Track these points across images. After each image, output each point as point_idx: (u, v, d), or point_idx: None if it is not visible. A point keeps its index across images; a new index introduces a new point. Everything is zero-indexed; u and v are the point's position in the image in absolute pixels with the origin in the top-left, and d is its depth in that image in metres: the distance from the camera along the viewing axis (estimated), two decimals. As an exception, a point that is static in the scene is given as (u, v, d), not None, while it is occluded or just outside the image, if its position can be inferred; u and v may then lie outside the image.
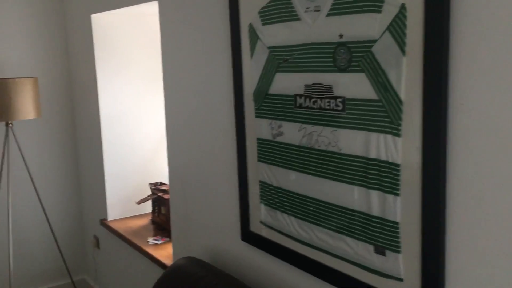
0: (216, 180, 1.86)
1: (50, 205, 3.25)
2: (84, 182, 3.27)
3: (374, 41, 1.15)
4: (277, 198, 1.52)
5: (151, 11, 2.56)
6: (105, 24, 2.79)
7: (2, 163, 2.88)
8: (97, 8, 2.69)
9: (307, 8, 1.31)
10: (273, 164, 1.52)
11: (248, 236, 1.68)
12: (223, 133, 1.78)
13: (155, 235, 2.66)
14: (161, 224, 2.73)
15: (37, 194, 3.01)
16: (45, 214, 3.03)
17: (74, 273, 3.37)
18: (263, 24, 1.47)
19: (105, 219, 2.96)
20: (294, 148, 1.43)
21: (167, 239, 2.57)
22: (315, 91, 1.33)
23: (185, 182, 2.08)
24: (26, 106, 2.69)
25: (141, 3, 2.19)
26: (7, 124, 2.80)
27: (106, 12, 2.64)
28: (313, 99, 1.34)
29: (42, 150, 3.18)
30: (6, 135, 2.80)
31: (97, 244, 3.17)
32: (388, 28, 1.11)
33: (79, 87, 3.13)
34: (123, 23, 2.82)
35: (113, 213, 2.96)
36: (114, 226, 2.84)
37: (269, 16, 1.45)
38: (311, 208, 1.39)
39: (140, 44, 2.88)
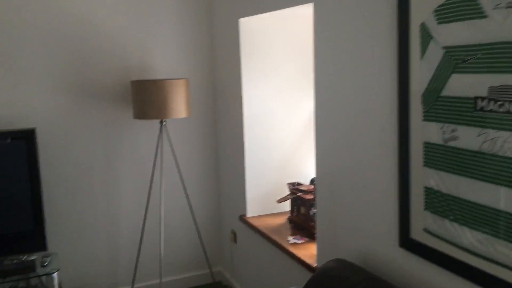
0: (370, 183, 1.82)
1: (194, 197, 3.46)
2: (224, 178, 3.43)
3: None
4: (446, 205, 1.44)
5: (300, 12, 2.60)
6: (251, 27, 2.89)
7: (156, 156, 3.13)
8: (246, 12, 2.80)
9: (497, 4, 1.22)
10: (442, 169, 1.44)
11: (408, 243, 1.62)
12: (381, 135, 1.74)
13: (293, 234, 2.69)
14: (299, 224, 2.76)
15: (184, 187, 3.23)
16: (190, 205, 3.23)
17: (212, 265, 3.55)
18: (439, 23, 1.41)
19: (244, 215, 3.07)
20: (471, 154, 1.34)
21: (307, 239, 2.59)
22: (502, 93, 1.23)
23: (333, 183, 2.07)
24: (179, 106, 2.89)
25: (296, 5, 2.23)
26: (161, 122, 3.03)
27: (253, 16, 2.74)
28: (499, 102, 1.24)
29: (189, 146, 3.40)
30: (160, 132, 3.04)
31: (235, 238, 3.30)
32: None
33: (222, 88, 3.29)
34: (268, 25, 2.90)
35: (252, 210, 3.06)
36: (253, 222, 2.93)
37: (446, 14, 1.38)
38: (491, 220, 1.30)
39: (282, 46, 2.95)
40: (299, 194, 2.75)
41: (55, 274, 2.63)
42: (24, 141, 2.69)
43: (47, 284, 2.64)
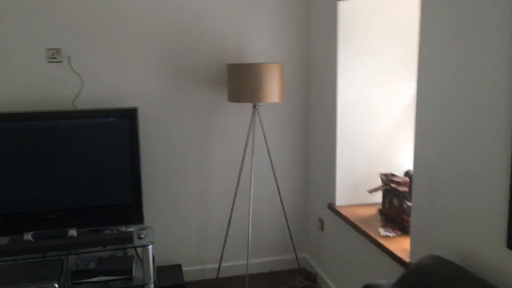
0: (477, 179, 1.69)
1: (282, 182, 3.47)
2: (313, 165, 3.39)
3: None
4: None
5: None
6: (350, 10, 2.80)
7: (248, 140, 3.17)
8: (345, -5, 2.72)
9: None
10: None
11: (517, 245, 1.49)
12: (493, 129, 1.60)
13: (384, 226, 2.60)
14: (391, 216, 2.66)
15: (273, 171, 3.24)
16: (278, 190, 3.24)
17: (297, 251, 3.55)
18: None
19: (333, 204, 3.02)
20: None
21: (399, 232, 2.49)
22: None
23: (433, 177, 1.96)
24: (272, 90, 2.89)
25: (400, -13, 2.12)
26: (254, 106, 3.06)
27: (353, -1, 2.65)
28: None
29: (280, 131, 3.40)
30: (253, 116, 3.07)
31: (322, 226, 3.26)
32: None
33: (316, 73, 3.24)
34: (369, 9, 2.80)
35: (341, 199, 3.00)
36: (342, 211, 2.87)
37: None
38: None
39: (382, 31, 2.83)
40: (392, 185, 2.64)
41: (150, 247, 2.77)
42: (127, 119, 2.85)
43: (142, 255, 2.79)
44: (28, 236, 2.67)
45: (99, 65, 3.04)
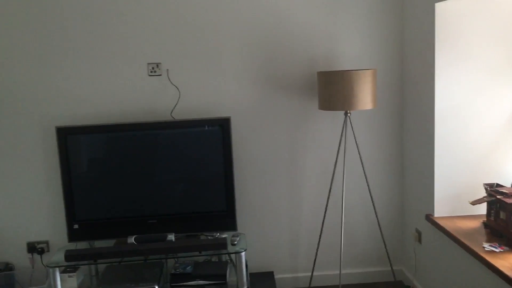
0: None
1: (376, 191, 3.37)
2: (409, 174, 3.25)
3: None
4: None
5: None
6: (448, 11, 2.66)
7: (339, 147, 3.12)
8: (443, -5, 2.58)
9: None
10: None
11: None
12: None
13: (489, 240, 2.42)
14: (497, 230, 2.47)
15: (366, 180, 3.16)
16: (372, 199, 3.15)
17: (392, 263, 3.42)
18: None
19: (431, 215, 2.87)
20: None
21: (507, 248, 2.30)
22: None
23: (547, 189, 1.78)
24: (365, 97, 2.82)
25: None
26: (346, 113, 3.00)
27: (452, -1, 2.51)
28: None
29: (372, 139, 3.31)
30: (344, 123, 3.02)
31: (419, 238, 3.11)
32: None
33: (411, 78, 3.11)
34: (469, 9, 2.63)
35: (440, 210, 2.84)
36: (441, 223, 2.72)
37: None
38: None
39: (483, 32, 2.65)
40: (498, 197, 2.45)
41: (243, 253, 2.82)
42: (220, 128, 2.94)
43: (236, 261, 2.85)
44: (131, 240, 2.85)
45: (195, 76, 3.18)
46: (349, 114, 3.01)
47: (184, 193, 2.97)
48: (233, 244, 2.90)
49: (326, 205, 3.17)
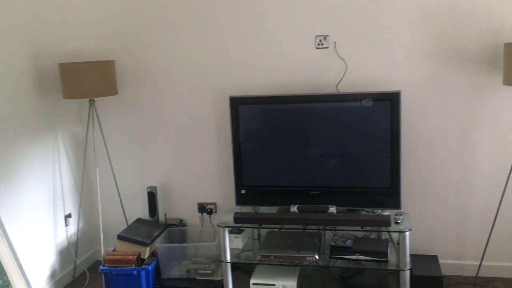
0: None
1: None
2: None
3: None
4: None
5: None
6: None
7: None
8: None
9: None
10: None
11: None
12: None
13: None
14: None
15: None
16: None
17: None
18: None
19: None
20: None
21: None
22: None
23: None
24: None
25: None
26: None
27: None
28: None
29: None
30: None
31: None
32: None
33: None
34: None
35: None
36: None
37: None
38: None
39: None
40: None
41: (407, 233, 2.72)
42: (388, 103, 2.83)
43: (399, 240, 2.76)
44: (294, 209, 2.93)
45: (362, 49, 3.09)
46: None
47: (348, 167, 2.95)
48: (397, 223, 2.81)
49: (503, 192, 2.89)
